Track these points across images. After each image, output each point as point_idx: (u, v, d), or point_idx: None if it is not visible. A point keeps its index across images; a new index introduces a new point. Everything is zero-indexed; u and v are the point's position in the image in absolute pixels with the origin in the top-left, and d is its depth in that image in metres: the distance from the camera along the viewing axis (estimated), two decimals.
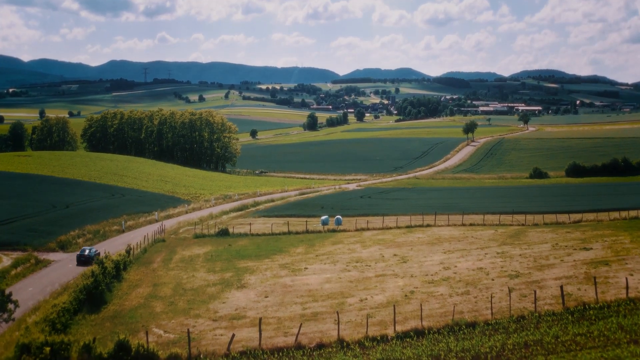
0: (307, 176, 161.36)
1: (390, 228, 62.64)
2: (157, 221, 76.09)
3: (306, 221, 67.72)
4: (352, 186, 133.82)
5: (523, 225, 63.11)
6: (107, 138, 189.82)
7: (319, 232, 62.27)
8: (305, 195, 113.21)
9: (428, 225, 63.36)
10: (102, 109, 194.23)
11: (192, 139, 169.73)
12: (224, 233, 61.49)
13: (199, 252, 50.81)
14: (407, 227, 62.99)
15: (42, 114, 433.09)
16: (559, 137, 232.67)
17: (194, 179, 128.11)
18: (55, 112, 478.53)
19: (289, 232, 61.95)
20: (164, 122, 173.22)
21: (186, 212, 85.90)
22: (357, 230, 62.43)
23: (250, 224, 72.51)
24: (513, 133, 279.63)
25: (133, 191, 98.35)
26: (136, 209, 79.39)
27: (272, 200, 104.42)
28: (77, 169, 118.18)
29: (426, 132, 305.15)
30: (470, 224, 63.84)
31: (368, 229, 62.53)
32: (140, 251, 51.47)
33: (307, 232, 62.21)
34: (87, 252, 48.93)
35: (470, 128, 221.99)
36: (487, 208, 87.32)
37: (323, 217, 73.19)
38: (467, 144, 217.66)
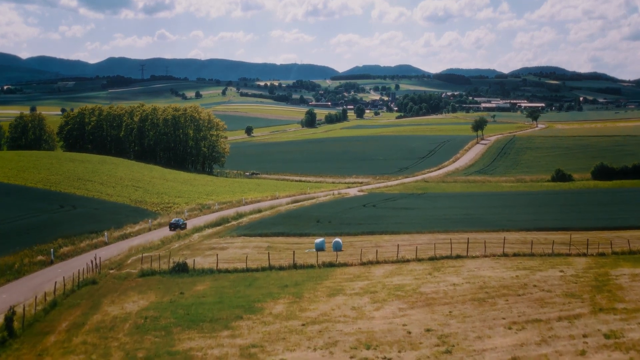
0: (303, 178, 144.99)
1: (409, 261, 46.17)
2: (106, 244, 59.74)
3: (294, 251, 51.20)
4: (353, 191, 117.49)
5: (585, 255, 46.71)
6: (84, 136, 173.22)
7: (311, 266, 45.82)
8: (299, 204, 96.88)
9: (459, 257, 46.91)
10: (96, 106, 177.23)
11: (175, 137, 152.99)
12: (181, 269, 45.02)
13: (132, 309, 34.37)
14: (431, 259, 46.51)
15: (33, 110, 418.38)
16: (574, 134, 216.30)
17: (172, 184, 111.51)
18: (48, 109, 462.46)
19: (270, 268, 45.50)
20: (145, 118, 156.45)
21: (149, 230, 69.44)
22: (362, 264, 45.99)
23: (222, 249, 56.18)
24: (523, 130, 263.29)
25: (91, 201, 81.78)
26: (82, 228, 62.74)
27: (259, 211, 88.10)
28: (36, 172, 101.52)
29: (430, 129, 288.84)
30: (515, 254, 47.37)
31: (378, 262, 46.10)
32: (47, 305, 35.00)
33: (295, 267, 45.77)
34: (174, 221, 71.85)
35: (480, 125, 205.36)
36: (522, 223, 71.13)
37: (318, 240, 56.87)
38: (477, 142, 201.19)
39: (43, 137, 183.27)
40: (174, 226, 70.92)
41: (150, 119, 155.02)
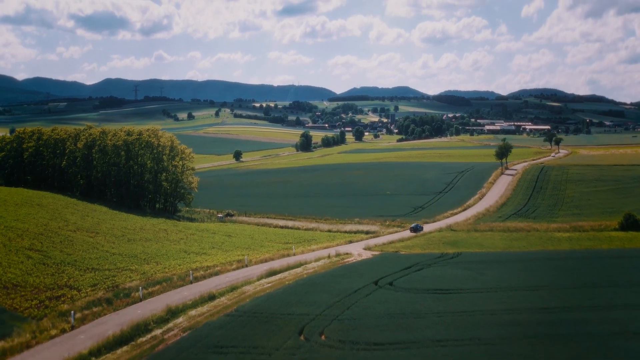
0: (290, 223, 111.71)
1: None
2: None
3: None
4: (356, 249, 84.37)
5: None
6: (22, 166, 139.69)
7: None
8: (277, 278, 63.85)
9: None
10: (36, 129, 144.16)
11: (127, 168, 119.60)
12: None
13: None
14: None
15: (12, 132, 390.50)
16: (614, 163, 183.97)
17: (99, 242, 77.79)
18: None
19: None
20: (91, 144, 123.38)
21: None
22: None
23: None
24: (547, 157, 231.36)
25: None
26: None
27: (211, 297, 54.99)
28: None
29: (439, 154, 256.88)
30: None
31: None
32: None
33: None
34: (414, 225, 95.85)
35: (504, 152, 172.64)
36: None
37: None
38: (502, 173, 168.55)
39: None
40: (414, 230, 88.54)
41: (98, 145, 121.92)
